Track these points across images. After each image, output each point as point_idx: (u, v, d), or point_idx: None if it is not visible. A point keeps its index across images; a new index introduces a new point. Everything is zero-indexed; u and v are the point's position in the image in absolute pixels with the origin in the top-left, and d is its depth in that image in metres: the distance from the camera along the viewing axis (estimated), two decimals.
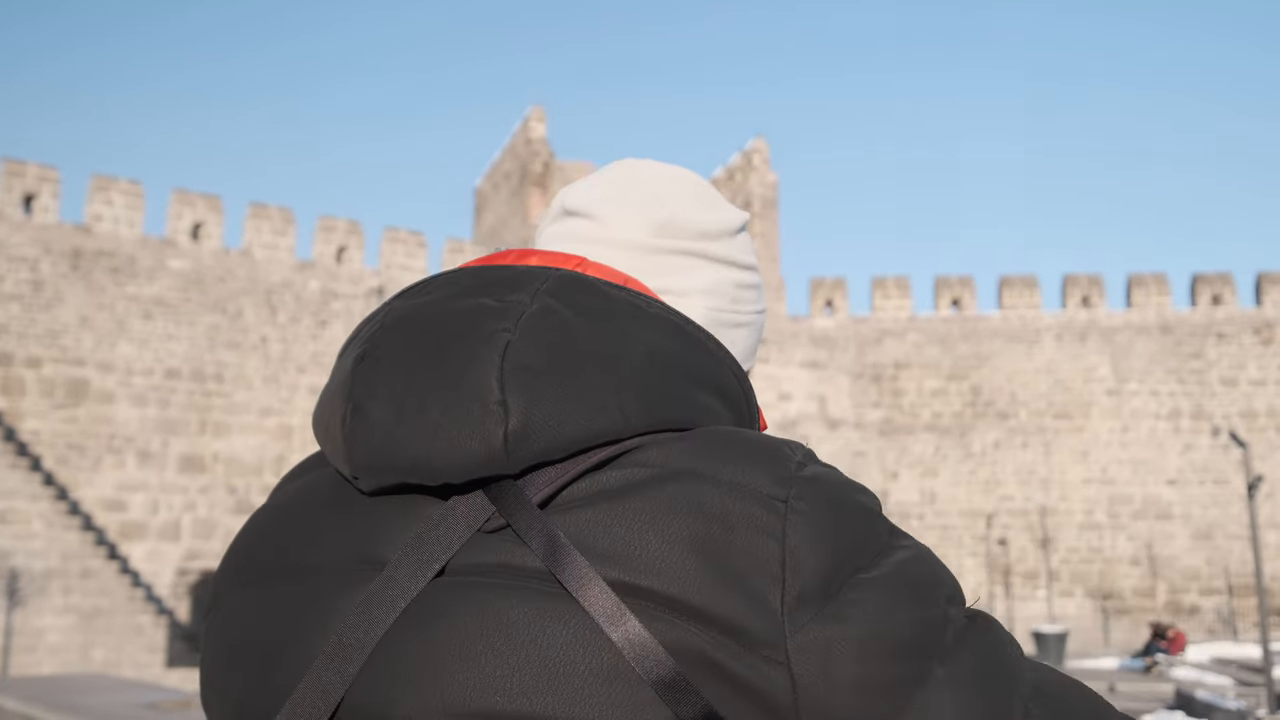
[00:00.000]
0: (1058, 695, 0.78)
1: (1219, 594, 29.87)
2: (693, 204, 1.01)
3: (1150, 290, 32.02)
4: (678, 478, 0.78)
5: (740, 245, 1.03)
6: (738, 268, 1.02)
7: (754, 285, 1.03)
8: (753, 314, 1.03)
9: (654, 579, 0.74)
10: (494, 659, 0.74)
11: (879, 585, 0.75)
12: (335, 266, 28.51)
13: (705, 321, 0.98)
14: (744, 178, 35.31)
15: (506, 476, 0.79)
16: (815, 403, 30.16)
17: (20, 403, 23.61)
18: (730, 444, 0.81)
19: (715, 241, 1.01)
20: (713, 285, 1.00)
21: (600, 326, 0.84)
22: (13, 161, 25.41)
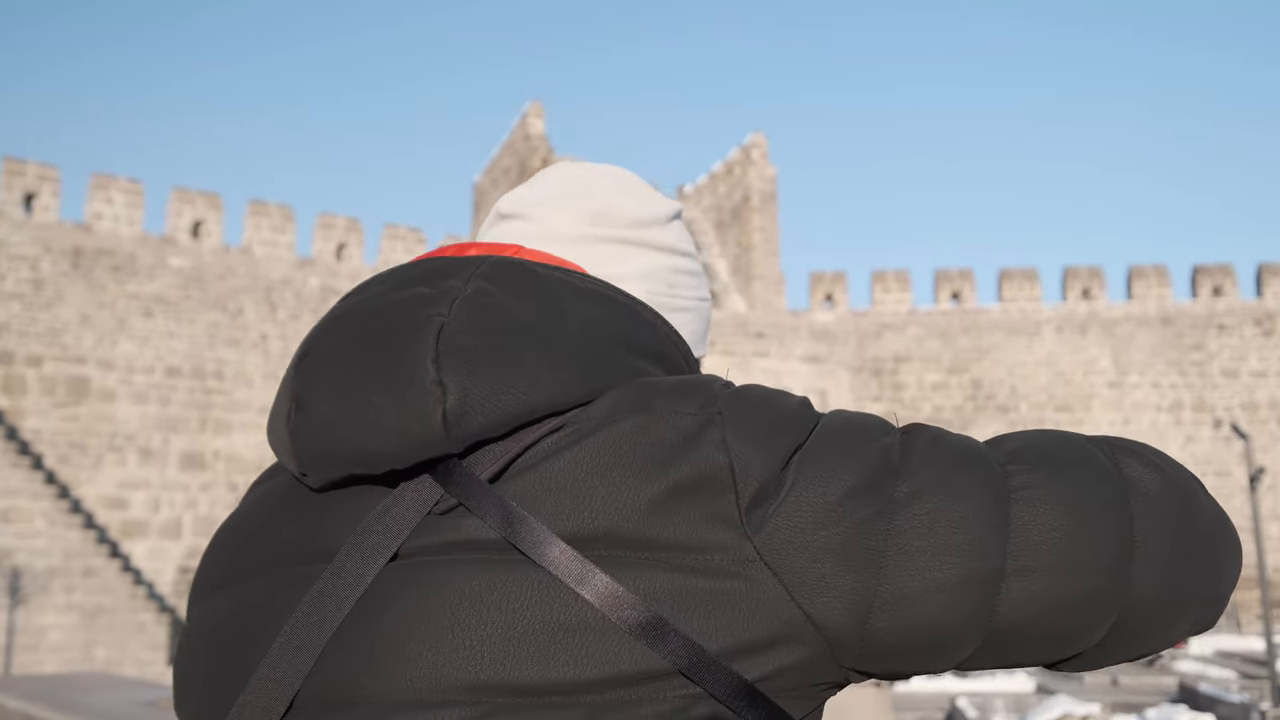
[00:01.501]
0: (1035, 446, 0.81)
1: None
2: (623, 195, 1.02)
3: (1151, 282, 32.01)
4: (612, 422, 0.79)
5: (675, 232, 1.04)
6: (674, 254, 1.02)
7: (692, 271, 1.04)
8: (694, 299, 1.03)
9: (609, 522, 0.75)
10: (462, 631, 0.74)
11: (813, 453, 0.77)
12: (335, 263, 28.50)
13: (661, 309, 0.99)
14: (743, 172, 35.29)
15: (452, 457, 0.80)
16: (816, 397, 30.14)
17: (22, 401, 23.61)
18: (656, 385, 0.83)
19: (649, 229, 1.02)
20: (649, 271, 1.00)
21: (533, 303, 0.86)
22: (13, 160, 25.41)
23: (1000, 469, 0.78)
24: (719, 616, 0.74)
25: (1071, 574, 0.76)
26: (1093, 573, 0.76)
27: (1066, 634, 0.77)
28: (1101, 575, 0.76)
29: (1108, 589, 0.76)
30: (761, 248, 34.09)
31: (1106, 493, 0.78)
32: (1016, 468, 0.78)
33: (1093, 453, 0.81)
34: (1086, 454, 0.80)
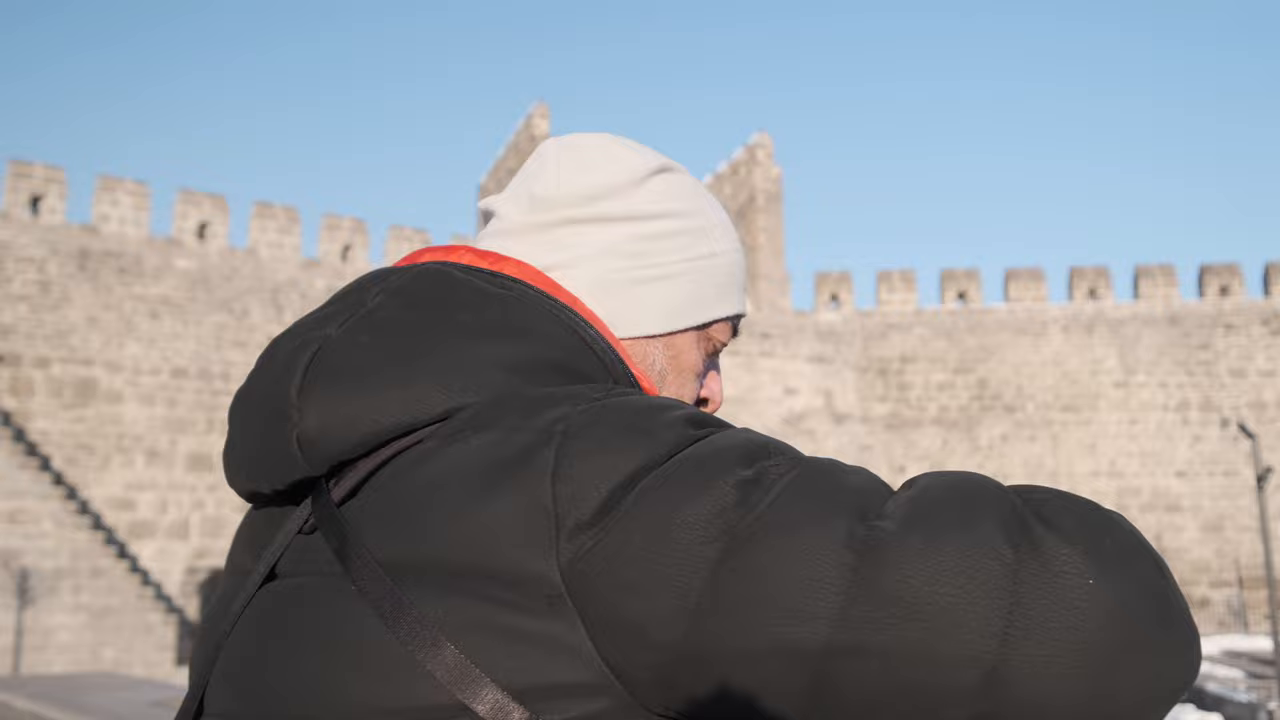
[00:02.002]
0: (926, 499, 0.69)
1: (1229, 586, 29.83)
2: (573, 170, 0.99)
3: (1157, 281, 31.96)
4: (457, 438, 0.77)
5: (649, 194, 0.99)
6: (643, 219, 0.98)
7: (676, 232, 0.98)
8: (679, 261, 0.98)
9: (436, 547, 0.73)
10: (291, 659, 0.76)
11: (662, 478, 0.71)
12: (340, 265, 28.54)
13: (604, 285, 0.96)
14: (748, 172, 35.27)
15: (321, 477, 0.81)
16: (821, 397, 30.14)
17: (29, 403, 23.66)
18: (512, 400, 0.80)
19: (605, 200, 0.98)
20: (607, 246, 0.97)
21: (418, 315, 0.85)
22: (20, 163, 25.46)
23: (869, 523, 0.67)
24: (524, 657, 0.70)
25: (920, 661, 0.64)
26: (947, 664, 0.64)
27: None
28: (958, 668, 0.64)
29: (964, 685, 0.64)
30: (767, 248, 34.07)
31: (992, 567, 0.65)
32: (886, 525, 0.67)
33: (996, 512, 0.68)
34: (985, 513, 0.68)
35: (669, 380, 0.99)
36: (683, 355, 0.99)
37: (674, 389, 0.99)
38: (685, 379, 0.99)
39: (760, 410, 29.15)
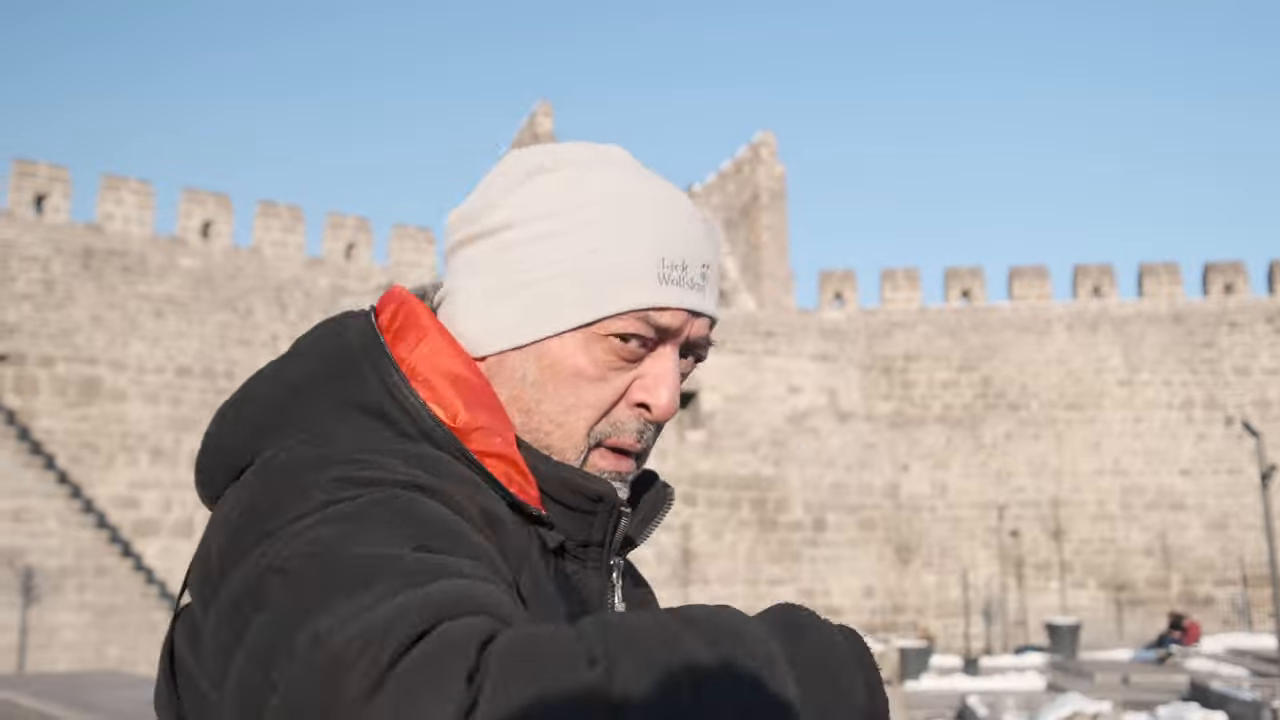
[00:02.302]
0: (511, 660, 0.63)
1: (1233, 585, 29.80)
2: (474, 193, 1.02)
3: (1162, 279, 31.92)
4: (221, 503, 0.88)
5: (511, 204, 0.99)
6: (509, 228, 0.98)
7: (538, 236, 0.97)
8: (547, 265, 0.96)
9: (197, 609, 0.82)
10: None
11: (245, 555, 0.75)
12: (344, 263, 28.55)
13: (468, 304, 0.99)
14: (751, 170, 35.25)
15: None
16: (825, 395, 30.14)
17: (33, 402, 23.69)
18: (249, 484, 0.86)
19: (485, 214, 1.00)
20: (474, 264, 0.99)
21: (276, 366, 0.97)
22: (24, 162, 25.48)
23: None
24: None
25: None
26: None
27: None
28: None
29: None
30: (770, 246, 34.05)
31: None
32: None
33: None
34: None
35: (549, 390, 0.96)
36: (561, 361, 0.95)
37: (558, 399, 0.96)
38: (572, 386, 0.96)
39: (764, 409, 29.14)
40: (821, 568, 28.80)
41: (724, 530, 28.13)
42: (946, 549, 30.21)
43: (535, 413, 0.96)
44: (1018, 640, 28.88)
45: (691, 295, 0.96)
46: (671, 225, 0.97)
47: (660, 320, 0.95)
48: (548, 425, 0.96)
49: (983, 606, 29.67)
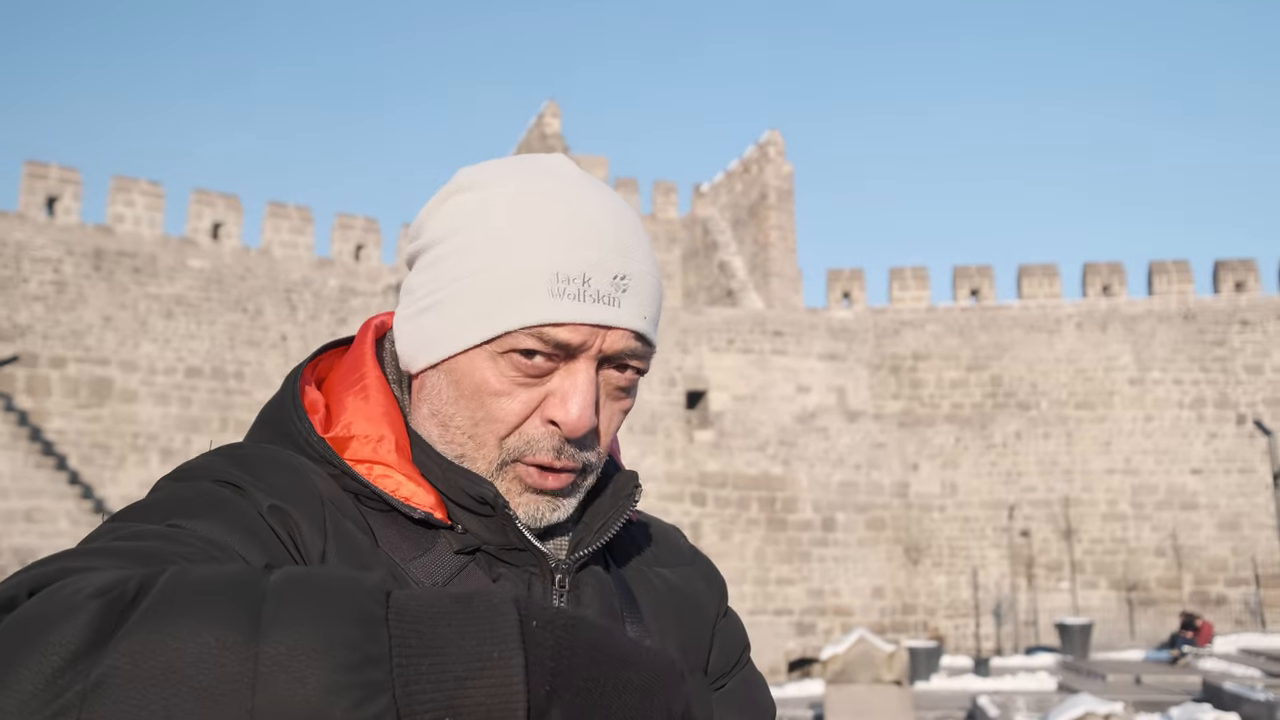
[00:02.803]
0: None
1: (1246, 584, 29.71)
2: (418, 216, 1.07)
3: (1172, 277, 31.83)
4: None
5: (433, 223, 1.02)
6: (424, 251, 1.03)
7: (443, 257, 1.00)
8: (449, 283, 0.98)
9: None
10: None
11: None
12: (353, 264, 28.59)
13: (399, 326, 1.05)
14: (759, 170, 35.25)
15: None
16: (834, 395, 30.10)
17: (45, 402, 23.76)
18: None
19: (414, 239, 1.05)
20: (405, 285, 1.05)
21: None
22: (35, 164, 25.56)
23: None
24: None
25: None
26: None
27: None
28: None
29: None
30: (778, 245, 34.04)
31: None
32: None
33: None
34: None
35: (460, 405, 0.99)
36: (467, 377, 0.98)
37: (468, 413, 0.99)
38: (478, 400, 0.98)
39: (773, 408, 29.12)
40: (831, 567, 28.77)
41: (733, 530, 28.12)
42: (956, 548, 30.16)
43: (450, 426, 1.00)
44: (1028, 640, 28.83)
45: (595, 309, 0.95)
46: (574, 238, 0.96)
47: (557, 336, 0.95)
48: (461, 438, 1.00)
49: (993, 606, 29.62)
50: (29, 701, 0.58)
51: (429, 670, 0.62)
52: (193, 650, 0.59)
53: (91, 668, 0.58)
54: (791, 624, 28.00)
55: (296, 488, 0.93)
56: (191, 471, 0.92)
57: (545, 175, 1.01)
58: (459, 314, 0.97)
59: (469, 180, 1.01)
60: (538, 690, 0.64)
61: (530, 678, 0.64)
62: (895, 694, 14.59)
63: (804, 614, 28.27)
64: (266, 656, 0.59)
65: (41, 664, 0.59)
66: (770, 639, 27.28)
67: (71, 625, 0.60)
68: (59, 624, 0.60)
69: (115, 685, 0.58)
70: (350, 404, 1.02)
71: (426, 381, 1.01)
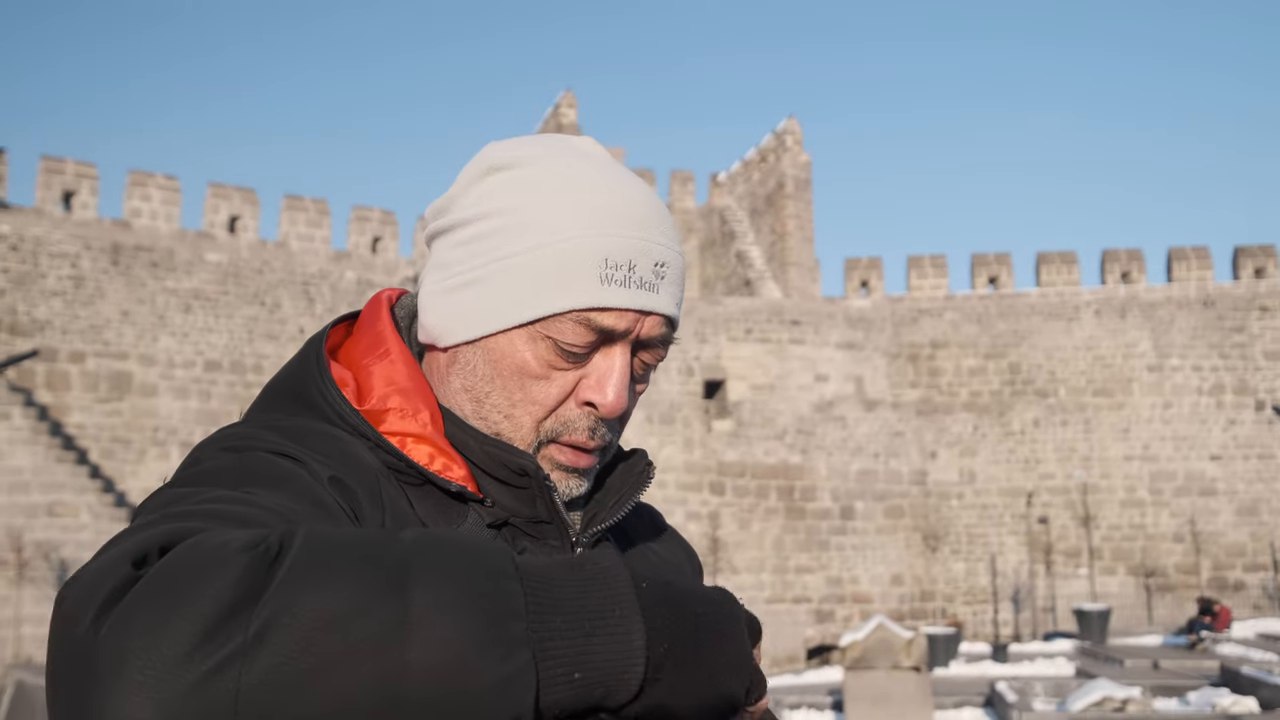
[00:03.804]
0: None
1: (1264, 570, 29.58)
2: (447, 191, 1.06)
3: (1191, 264, 31.66)
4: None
5: (466, 201, 1.02)
6: (455, 228, 1.02)
7: (486, 234, 1.00)
8: (492, 262, 0.99)
9: None
10: None
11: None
12: (370, 256, 28.67)
13: (427, 299, 1.04)
14: (776, 159, 35.18)
15: None
16: (852, 383, 30.06)
17: (65, 397, 23.92)
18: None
19: (441, 215, 1.05)
20: (435, 259, 1.04)
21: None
22: (51, 159, 25.70)
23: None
24: None
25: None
26: None
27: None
28: None
29: None
30: (796, 235, 33.98)
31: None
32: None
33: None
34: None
35: (497, 384, 1.00)
36: (507, 358, 0.99)
37: (505, 393, 1.00)
38: (518, 382, 0.99)
39: (791, 397, 29.11)
40: (850, 556, 28.76)
41: (751, 519, 28.13)
42: (974, 536, 30.10)
43: (485, 403, 1.01)
44: (1046, 627, 28.77)
45: (640, 295, 0.97)
46: (621, 224, 0.98)
47: (603, 321, 0.97)
48: (496, 416, 1.01)
49: (1011, 593, 29.56)
50: (191, 653, 0.59)
51: (561, 627, 0.66)
52: (344, 605, 0.61)
53: (250, 620, 0.60)
54: (810, 612, 28.00)
55: (349, 460, 0.93)
56: (243, 441, 0.90)
57: (581, 157, 1.02)
58: (503, 293, 0.98)
59: (505, 158, 1.01)
60: (656, 648, 0.69)
61: (649, 635, 0.69)
62: (914, 680, 14.59)
63: (823, 602, 28.27)
64: (416, 611, 0.62)
65: (200, 616, 0.60)
66: (789, 627, 27.30)
67: (225, 578, 0.62)
68: (212, 577, 0.62)
69: (274, 636, 0.60)
70: (379, 377, 1.01)
71: (459, 357, 1.02)
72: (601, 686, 0.66)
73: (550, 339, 0.97)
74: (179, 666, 0.58)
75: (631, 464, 1.11)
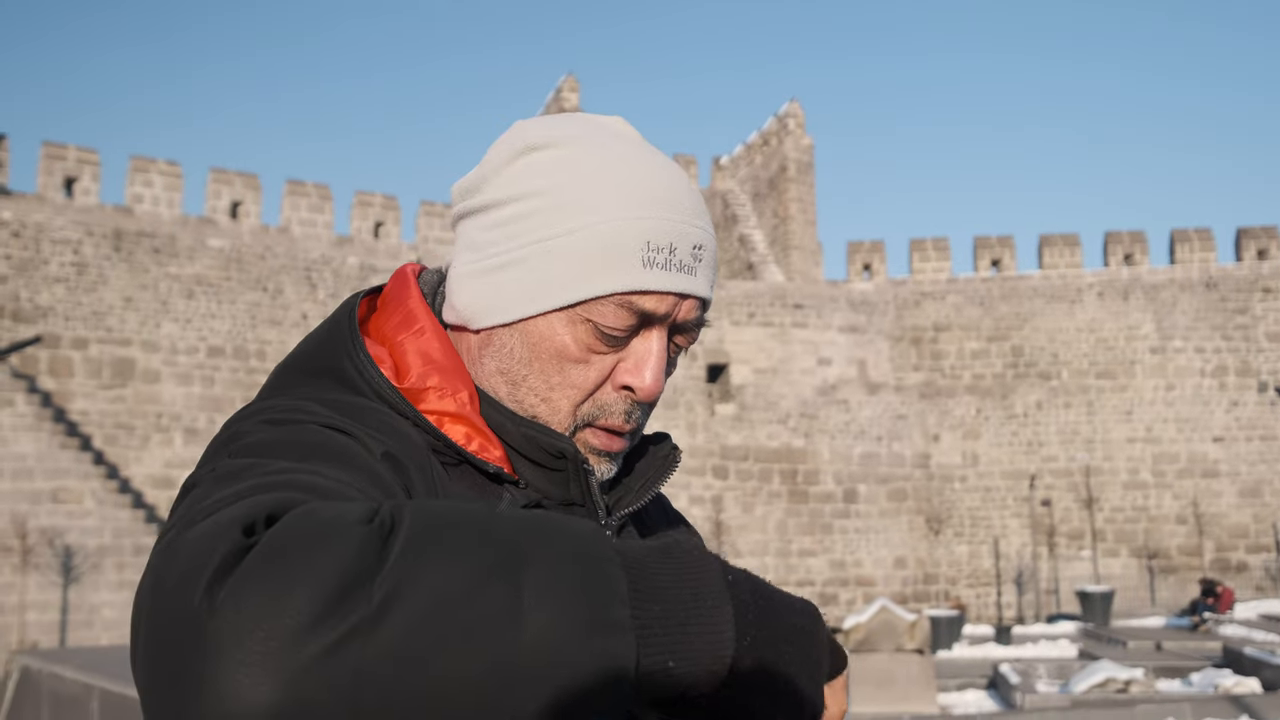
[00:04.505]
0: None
1: (1267, 551, 29.63)
2: (479, 165, 1.05)
3: (1194, 245, 31.62)
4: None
5: (502, 180, 1.01)
6: (491, 208, 1.01)
7: (524, 215, 0.99)
8: (531, 244, 0.98)
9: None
10: None
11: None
12: (373, 241, 28.65)
13: (461, 279, 1.03)
14: (778, 142, 35.13)
15: None
16: (855, 367, 30.07)
17: (69, 383, 23.94)
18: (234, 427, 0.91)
19: (474, 194, 1.03)
20: (469, 239, 1.03)
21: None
22: (53, 145, 25.67)
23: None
24: None
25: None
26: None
27: None
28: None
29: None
30: (798, 218, 33.94)
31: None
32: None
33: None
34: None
35: (534, 367, 0.99)
36: (546, 341, 0.98)
37: (543, 376, 0.99)
38: (556, 365, 0.99)
39: (794, 381, 29.13)
40: (853, 539, 28.81)
41: (755, 503, 28.18)
42: (978, 519, 30.15)
43: (522, 385, 1.00)
44: (1050, 609, 28.84)
45: (680, 278, 0.97)
46: (661, 206, 0.97)
47: (644, 304, 0.97)
48: (533, 399, 1.00)
49: (1014, 575, 29.62)
50: (315, 624, 0.58)
51: (659, 614, 0.66)
52: (461, 583, 0.62)
53: (372, 594, 0.60)
54: (814, 595, 28.05)
55: (400, 437, 0.92)
56: (289, 415, 0.87)
57: (615, 137, 1.02)
58: (543, 275, 0.97)
59: (540, 138, 1.00)
60: (742, 639, 0.69)
61: (737, 627, 0.69)
62: (917, 662, 14.63)
63: (826, 585, 28.33)
64: (528, 592, 0.62)
65: (322, 587, 0.59)
66: None
67: (345, 550, 0.61)
68: (332, 548, 0.61)
69: (396, 611, 0.60)
70: (416, 354, 1.00)
71: (493, 339, 1.01)
72: (690, 676, 0.67)
73: (591, 322, 0.97)
74: (303, 637, 0.58)
75: (658, 448, 1.11)
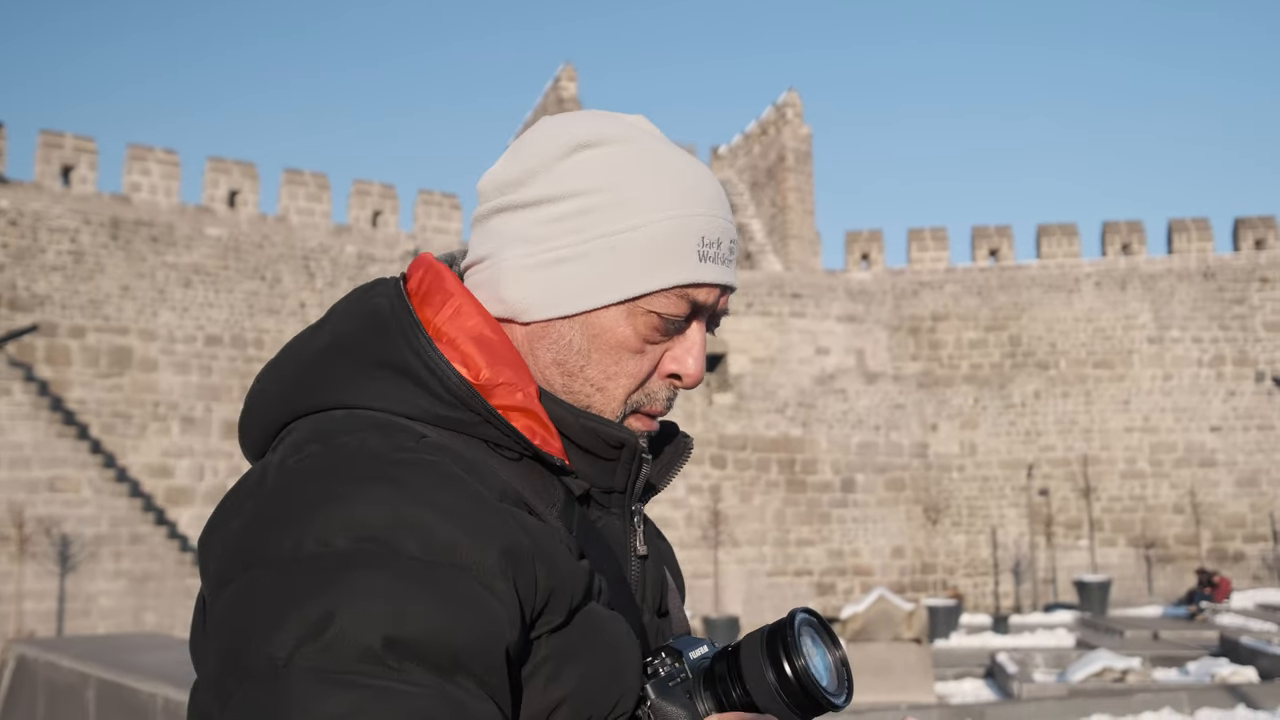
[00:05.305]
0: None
1: (1264, 541, 29.68)
2: (507, 159, 1.06)
3: (1192, 235, 31.62)
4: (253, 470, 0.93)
5: (558, 175, 1.02)
6: (548, 202, 1.02)
7: (584, 210, 1.01)
8: (594, 239, 1.00)
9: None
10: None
11: (235, 580, 0.87)
12: (371, 230, 28.62)
13: (515, 272, 1.03)
14: (777, 132, 35.07)
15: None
16: (853, 356, 30.07)
17: (66, 372, 23.92)
18: (295, 441, 0.93)
19: (520, 188, 1.04)
20: (520, 233, 1.03)
21: (313, 328, 1.02)
22: (50, 133, 25.61)
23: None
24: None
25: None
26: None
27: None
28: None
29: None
30: (797, 208, 33.90)
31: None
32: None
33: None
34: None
35: (593, 358, 1.02)
36: (607, 333, 1.01)
37: (601, 366, 1.02)
38: (615, 356, 1.02)
39: (792, 370, 29.12)
40: (851, 528, 28.84)
41: (753, 492, 28.19)
42: (975, 508, 30.18)
43: (578, 376, 1.03)
44: (1047, 598, 28.88)
45: (726, 271, 1.04)
46: (708, 203, 1.03)
47: (697, 296, 1.02)
48: (589, 389, 1.03)
49: (1012, 565, 29.67)
50: None
51: None
52: None
53: None
54: (812, 584, 28.10)
55: (504, 494, 0.93)
56: (391, 525, 0.84)
57: (650, 135, 1.06)
58: (607, 269, 1.00)
59: (590, 136, 1.03)
60: None
61: None
62: (915, 652, 14.67)
63: (824, 574, 28.37)
64: None
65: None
66: (790, 599, 27.40)
67: None
68: None
69: None
70: (477, 348, 0.99)
71: (550, 331, 1.02)
72: None
73: (654, 313, 1.01)
74: None
75: (680, 440, 1.16)
